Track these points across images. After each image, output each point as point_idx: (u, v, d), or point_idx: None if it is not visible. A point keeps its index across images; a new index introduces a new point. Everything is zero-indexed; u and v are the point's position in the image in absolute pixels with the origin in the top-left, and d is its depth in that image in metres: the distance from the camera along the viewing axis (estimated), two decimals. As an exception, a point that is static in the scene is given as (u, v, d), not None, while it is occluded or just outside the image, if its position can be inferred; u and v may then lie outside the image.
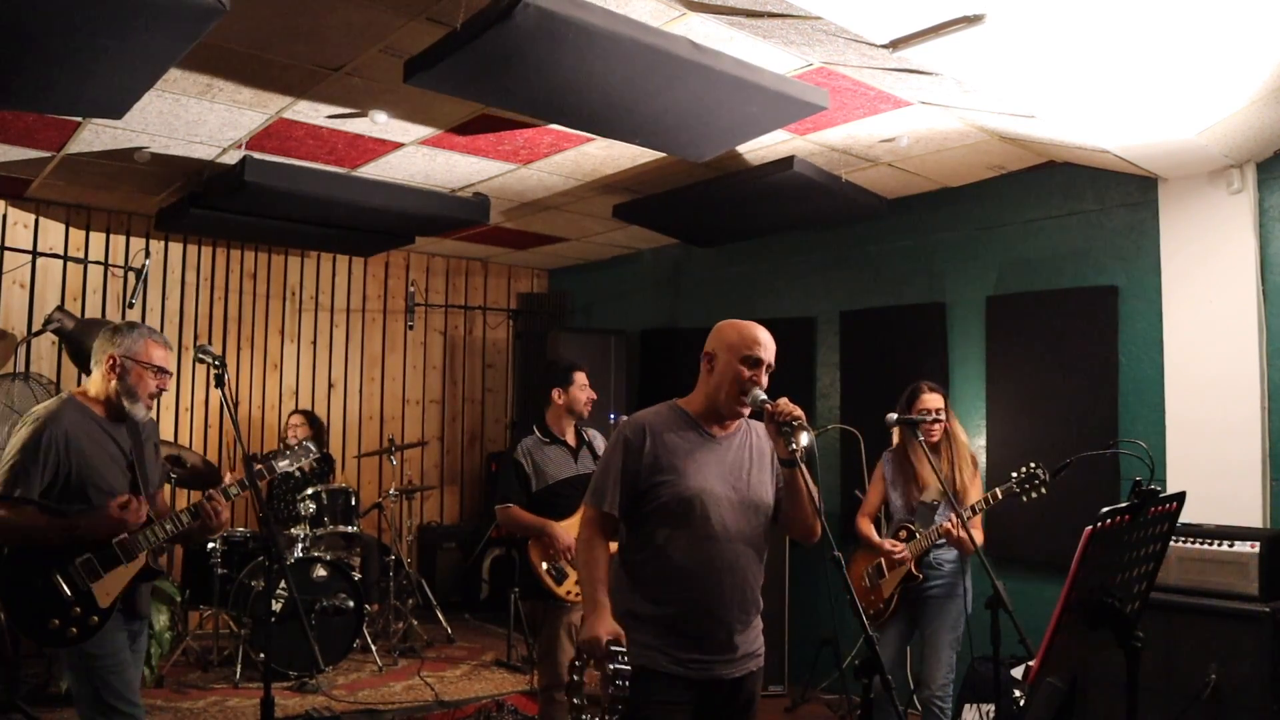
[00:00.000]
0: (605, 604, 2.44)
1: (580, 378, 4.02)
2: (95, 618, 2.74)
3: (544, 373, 4.17)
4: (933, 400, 3.88)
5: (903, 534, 3.92)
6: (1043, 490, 3.62)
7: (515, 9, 2.69)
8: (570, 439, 4.03)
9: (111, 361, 2.86)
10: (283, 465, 3.24)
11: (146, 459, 2.96)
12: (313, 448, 3.30)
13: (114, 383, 2.86)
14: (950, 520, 3.69)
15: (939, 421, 3.86)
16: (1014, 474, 3.69)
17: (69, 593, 2.71)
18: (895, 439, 4.12)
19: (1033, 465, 3.64)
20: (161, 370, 2.90)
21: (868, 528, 4.05)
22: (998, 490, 3.72)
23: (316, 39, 3.47)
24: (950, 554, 3.87)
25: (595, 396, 4.11)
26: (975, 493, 3.91)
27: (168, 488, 5.18)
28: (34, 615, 2.70)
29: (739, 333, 2.54)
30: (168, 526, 2.86)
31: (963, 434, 4.02)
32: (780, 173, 4.70)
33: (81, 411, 2.84)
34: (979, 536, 3.76)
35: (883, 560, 3.94)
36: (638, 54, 3.07)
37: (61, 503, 2.75)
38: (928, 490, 3.93)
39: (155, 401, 2.94)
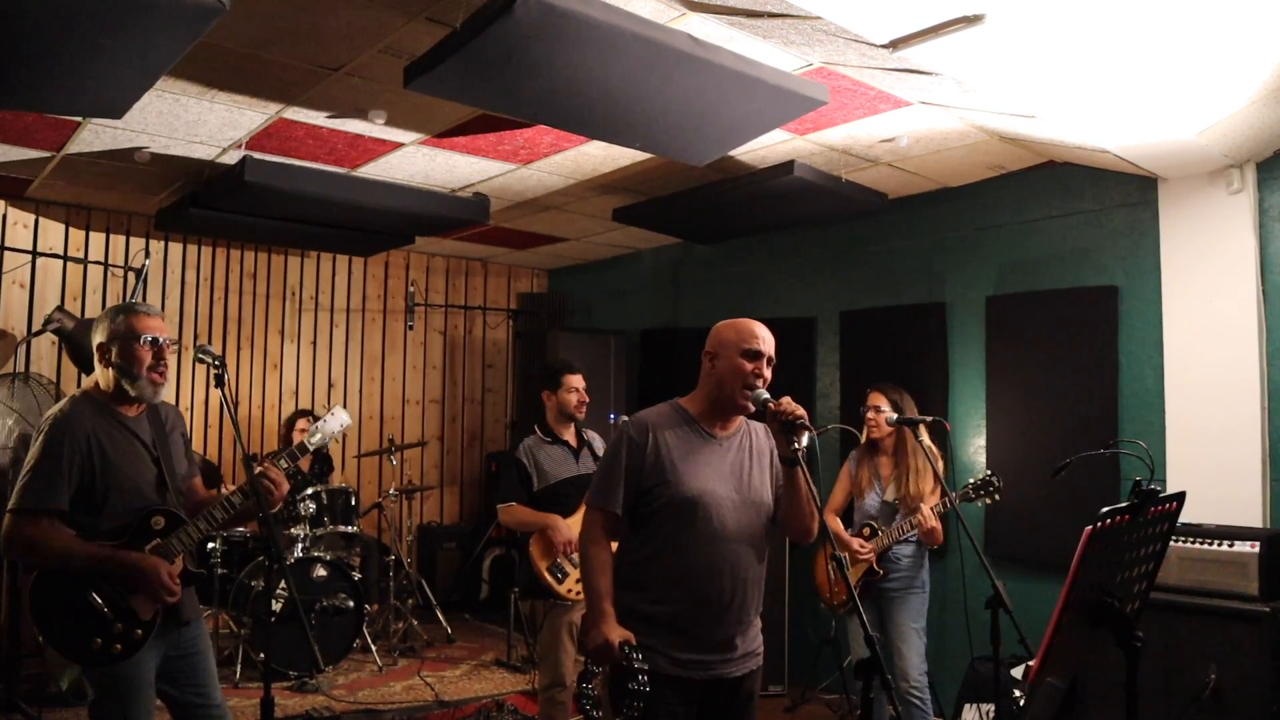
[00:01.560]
0: (610, 610, 2.46)
1: (569, 380, 4.04)
2: (139, 631, 2.62)
3: (539, 374, 4.22)
4: (872, 398, 4.13)
5: (865, 531, 4.10)
6: (996, 496, 3.90)
7: (516, 3, 2.69)
8: (571, 439, 4.06)
9: (101, 349, 2.73)
10: (316, 441, 3.06)
11: (172, 449, 2.82)
12: (346, 416, 3.14)
13: (110, 370, 2.72)
14: (922, 513, 3.87)
15: (875, 419, 4.06)
16: (970, 480, 3.96)
17: (107, 609, 2.59)
18: (863, 439, 4.27)
19: (989, 473, 3.93)
20: (153, 341, 2.71)
21: (835, 523, 4.23)
22: (954, 494, 3.86)
23: (316, 39, 3.46)
24: (908, 549, 4.03)
25: (587, 399, 4.09)
26: (927, 495, 4.01)
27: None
28: (73, 636, 2.57)
29: (736, 329, 2.58)
30: (201, 526, 2.72)
31: (926, 438, 4.03)
32: (781, 177, 4.71)
33: (98, 408, 2.70)
34: (940, 533, 3.94)
35: (844, 554, 4.01)
36: (638, 48, 3.06)
37: (84, 510, 2.62)
38: (888, 490, 4.12)
39: (162, 376, 2.74)
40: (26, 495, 2.56)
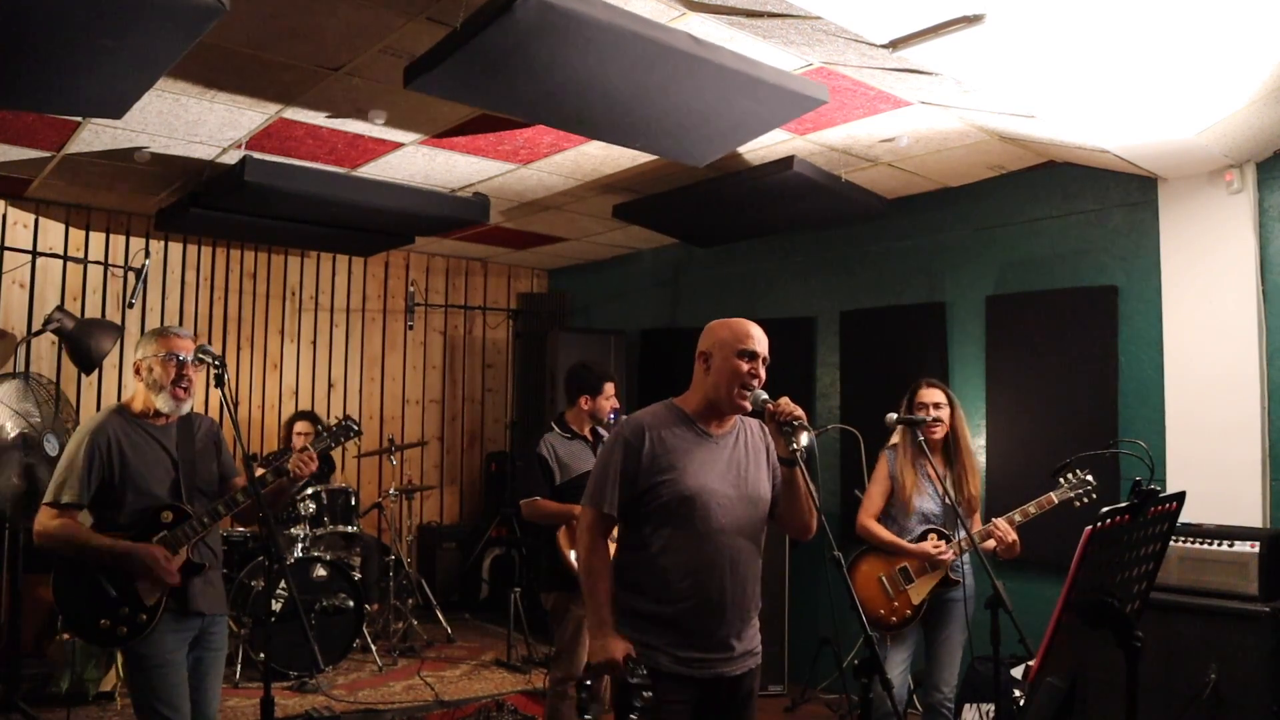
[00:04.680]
0: (611, 620, 2.47)
1: (609, 389, 4.18)
2: (144, 615, 2.84)
3: (574, 375, 4.22)
4: (930, 394, 3.75)
5: (932, 537, 3.71)
6: (1094, 496, 3.58)
7: (515, 2, 2.69)
8: (588, 435, 4.20)
9: (135, 367, 3.02)
10: (321, 446, 3.24)
11: (198, 458, 3.07)
12: (355, 424, 3.33)
13: (142, 385, 3.00)
14: (999, 526, 3.58)
15: (939, 422, 3.73)
16: (1062, 480, 3.63)
17: (114, 592, 2.83)
18: (896, 437, 3.94)
19: (1080, 472, 3.62)
20: (173, 356, 2.95)
21: (880, 529, 3.79)
22: (1053, 495, 3.61)
23: (316, 39, 3.46)
24: (968, 556, 3.73)
25: (619, 406, 4.24)
26: (977, 498, 3.84)
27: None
28: (85, 616, 2.82)
29: (731, 329, 2.57)
30: (205, 520, 2.93)
31: (968, 436, 3.87)
32: (780, 173, 4.70)
33: (126, 418, 2.99)
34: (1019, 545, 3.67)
35: (908, 564, 3.73)
36: (638, 49, 3.06)
37: (106, 505, 2.89)
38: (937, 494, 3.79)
39: (185, 392, 3.00)
40: (52, 491, 2.87)
